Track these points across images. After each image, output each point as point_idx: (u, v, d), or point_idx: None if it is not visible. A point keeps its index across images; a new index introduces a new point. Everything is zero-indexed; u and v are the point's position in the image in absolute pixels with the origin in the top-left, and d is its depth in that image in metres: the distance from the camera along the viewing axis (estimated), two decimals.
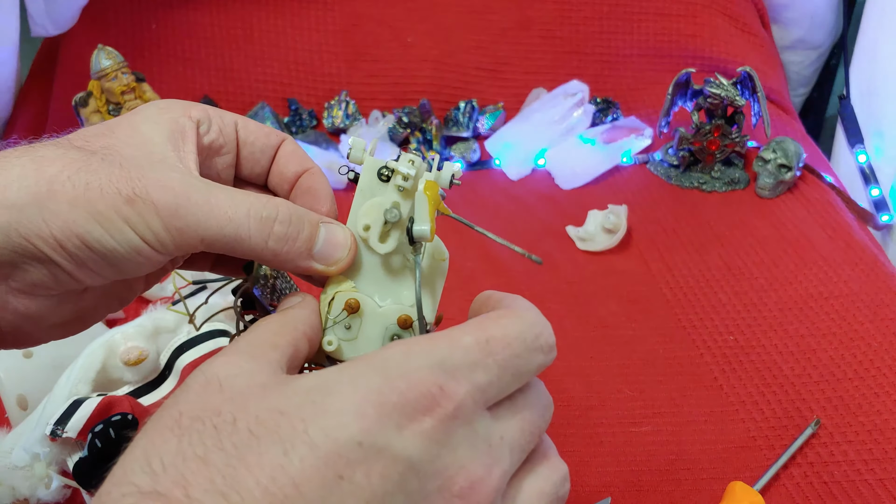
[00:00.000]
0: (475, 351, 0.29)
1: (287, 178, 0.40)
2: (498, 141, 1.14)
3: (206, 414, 0.27)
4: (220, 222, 0.33)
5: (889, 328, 0.80)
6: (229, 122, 0.40)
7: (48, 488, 0.55)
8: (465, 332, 0.30)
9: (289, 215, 0.35)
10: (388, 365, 0.28)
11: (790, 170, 1.02)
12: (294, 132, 1.18)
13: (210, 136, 0.39)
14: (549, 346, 0.32)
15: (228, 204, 0.33)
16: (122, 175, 0.33)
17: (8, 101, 1.17)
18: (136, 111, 0.38)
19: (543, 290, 0.88)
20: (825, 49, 1.42)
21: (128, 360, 0.60)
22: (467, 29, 1.26)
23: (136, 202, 0.32)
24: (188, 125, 0.37)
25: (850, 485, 0.65)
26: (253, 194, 0.35)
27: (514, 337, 0.30)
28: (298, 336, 0.33)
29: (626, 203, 0.98)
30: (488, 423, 0.29)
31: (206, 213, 0.33)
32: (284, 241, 0.34)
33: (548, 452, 0.33)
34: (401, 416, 0.26)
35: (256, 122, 0.41)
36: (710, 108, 1.05)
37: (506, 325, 0.30)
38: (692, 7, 1.27)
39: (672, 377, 0.77)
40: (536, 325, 0.32)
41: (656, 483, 0.66)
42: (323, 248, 0.35)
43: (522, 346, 0.30)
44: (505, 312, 0.32)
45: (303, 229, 0.35)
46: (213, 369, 0.29)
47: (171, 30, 1.23)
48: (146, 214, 0.32)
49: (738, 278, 0.89)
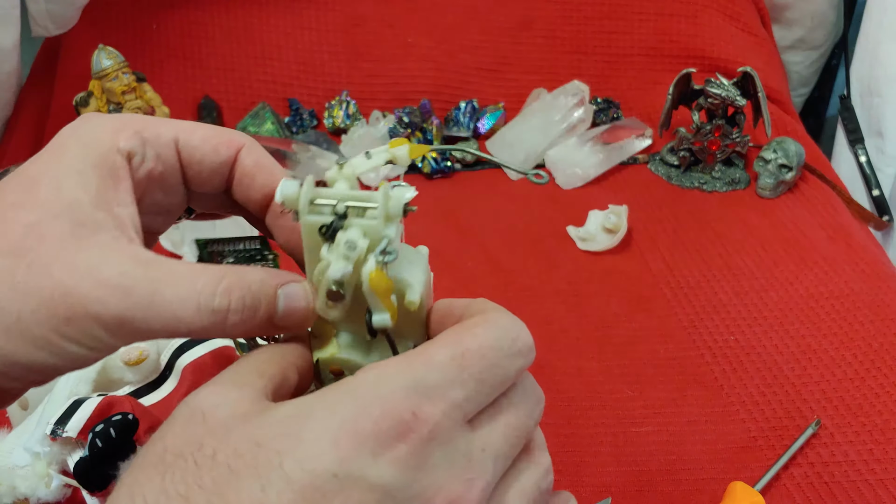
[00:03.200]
0: (450, 367, 0.28)
1: (255, 200, 0.36)
2: (498, 141, 1.14)
3: (188, 449, 0.27)
4: (168, 323, 0.30)
5: (889, 328, 0.80)
6: (167, 142, 0.35)
7: (48, 487, 0.55)
8: (439, 347, 0.29)
9: (242, 300, 0.31)
10: (362, 391, 0.27)
11: (791, 170, 1.02)
12: (294, 132, 1.18)
13: (146, 165, 0.34)
14: (527, 347, 0.31)
15: (174, 299, 0.30)
16: (55, 290, 0.30)
17: (8, 101, 1.17)
18: (60, 147, 0.33)
19: (543, 290, 0.88)
20: (826, 49, 1.42)
21: (128, 359, 0.60)
22: (468, 29, 1.26)
23: (75, 321, 0.30)
24: (118, 163, 0.33)
25: (851, 485, 0.65)
26: (200, 275, 0.31)
27: (489, 346, 0.30)
28: (287, 366, 0.32)
29: (626, 203, 0.98)
30: (468, 438, 0.29)
31: (152, 316, 0.30)
32: (242, 326, 0.32)
33: (531, 448, 0.32)
34: (375, 443, 0.26)
35: (204, 131, 0.35)
36: (710, 108, 1.05)
37: (480, 335, 0.30)
38: (692, 7, 1.27)
39: (672, 377, 0.77)
40: (512, 329, 0.31)
41: (656, 483, 0.66)
42: (284, 316, 0.32)
43: (499, 353, 0.30)
44: (478, 321, 0.31)
45: (259, 307, 0.32)
46: (198, 400, 0.29)
47: (172, 30, 1.23)
48: (89, 328, 0.30)
49: (739, 278, 0.89)
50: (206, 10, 1.24)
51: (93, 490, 0.53)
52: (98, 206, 0.31)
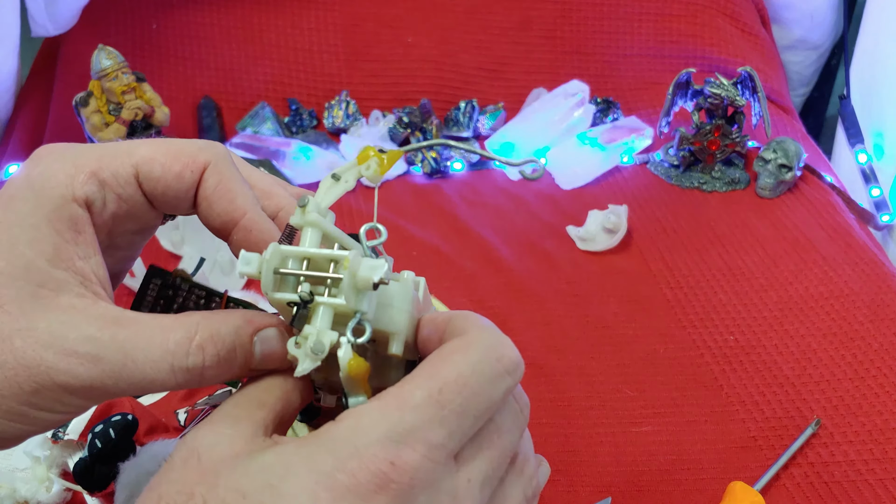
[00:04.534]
0: (428, 407, 0.27)
1: (215, 227, 0.34)
2: (498, 141, 1.14)
3: (180, 499, 0.27)
4: (142, 385, 0.30)
5: (889, 328, 0.80)
6: (127, 178, 0.32)
7: (49, 491, 0.55)
8: (415, 387, 0.28)
9: (217, 356, 0.30)
10: (339, 445, 0.27)
11: (790, 170, 1.02)
12: (294, 132, 1.18)
13: (109, 208, 0.32)
14: (513, 365, 0.29)
15: (146, 362, 0.29)
16: (18, 364, 0.28)
17: (8, 101, 1.17)
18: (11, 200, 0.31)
19: (543, 290, 0.88)
20: (825, 49, 1.42)
21: None
22: (468, 29, 1.26)
23: (43, 392, 0.29)
24: (77, 213, 0.31)
25: (851, 485, 0.65)
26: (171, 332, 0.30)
27: (469, 374, 0.28)
28: (289, 389, 0.31)
29: (626, 203, 0.98)
30: (452, 475, 0.28)
31: (123, 380, 0.29)
32: (219, 378, 0.31)
33: (516, 459, 0.31)
34: (355, 497, 0.26)
35: (165, 158, 0.32)
36: (710, 108, 1.05)
37: (458, 363, 0.28)
38: (692, 7, 1.27)
39: (672, 377, 0.77)
40: (495, 348, 0.29)
41: (656, 483, 0.66)
42: (261, 361, 0.31)
43: (481, 379, 0.28)
44: (456, 346, 0.29)
45: (235, 360, 0.31)
46: (196, 441, 0.28)
47: (171, 30, 1.23)
48: (58, 397, 0.29)
49: (739, 278, 0.89)
50: (205, 10, 1.24)
51: (92, 490, 0.53)
52: (57, 264, 0.30)
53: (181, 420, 0.58)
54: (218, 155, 0.33)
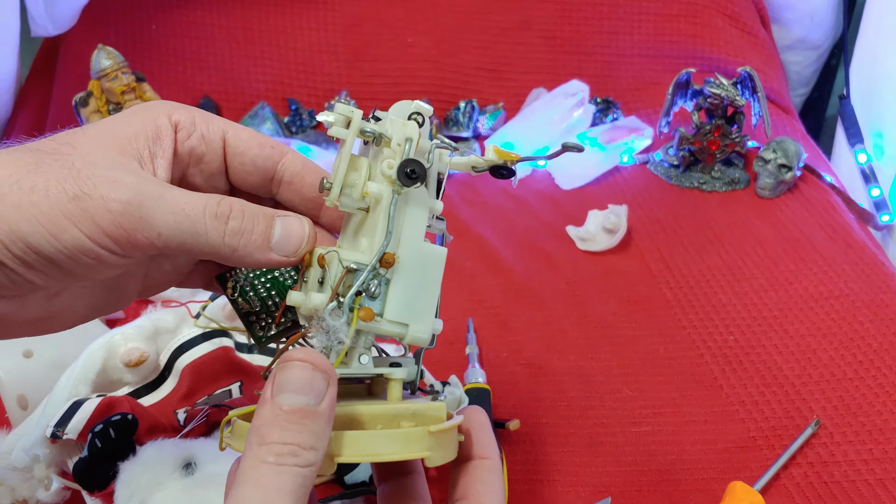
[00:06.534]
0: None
1: (307, 198, 0.40)
2: (498, 141, 1.14)
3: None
4: (177, 218, 0.33)
5: (889, 328, 0.80)
6: (216, 129, 0.38)
7: (48, 490, 0.55)
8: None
9: (242, 211, 0.35)
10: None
11: (790, 170, 1.02)
12: (294, 132, 1.18)
13: (190, 142, 0.37)
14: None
15: (184, 200, 0.34)
16: (72, 174, 0.32)
17: (8, 101, 1.17)
18: (121, 113, 0.37)
19: (543, 290, 0.88)
20: (825, 49, 1.42)
21: (129, 361, 0.60)
22: (467, 29, 1.26)
23: (83, 199, 0.32)
24: (165, 129, 0.36)
25: (850, 485, 0.65)
26: (208, 195, 0.35)
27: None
28: None
29: (626, 203, 0.98)
30: None
31: (161, 208, 0.33)
32: (240, 235, 0.35)
33: None
34: None
35: (253, 132, 0.39)
36: (710, 108, 1.05)
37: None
38: (692, 7, 1.27)
39: (672, 377, 0.77)
40: None
41: (656, 483, 0.66)
42: (280, 241, 0.36)
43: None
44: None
45: (257, 223, 0.35)
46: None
47: (171, 30, 1.23)
48: (93, 211, 0.32)
49: (738, 278, 0.89)
50: (205, 11, 1.24)
51: (92, 490, 0.52)
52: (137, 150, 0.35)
53: (181, 420, 0.58)
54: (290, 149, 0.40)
